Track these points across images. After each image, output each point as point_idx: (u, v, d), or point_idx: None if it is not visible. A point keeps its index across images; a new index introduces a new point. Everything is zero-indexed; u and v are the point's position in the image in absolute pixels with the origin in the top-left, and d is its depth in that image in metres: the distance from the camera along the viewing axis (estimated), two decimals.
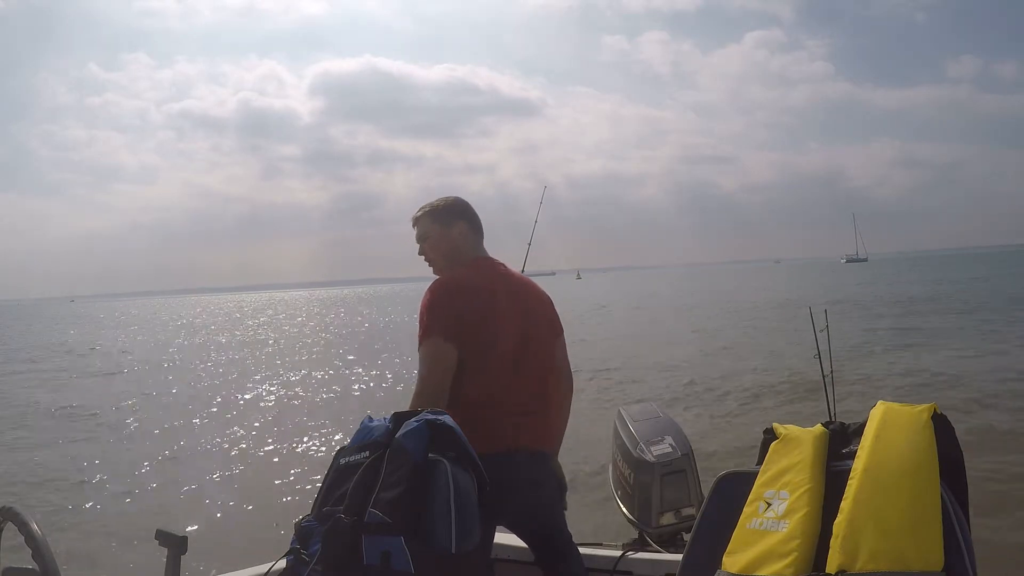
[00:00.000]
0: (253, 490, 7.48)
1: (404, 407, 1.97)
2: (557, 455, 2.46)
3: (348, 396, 13.52)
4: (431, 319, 2.23)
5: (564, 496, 2.43)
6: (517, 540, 2.45)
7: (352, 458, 1.79)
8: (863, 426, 1.51)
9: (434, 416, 1.81)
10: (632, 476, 2.95)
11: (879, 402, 1.54)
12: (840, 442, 1.54)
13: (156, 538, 1.74)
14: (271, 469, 8.31)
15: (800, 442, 1.55)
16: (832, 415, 3.58)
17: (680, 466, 2.89)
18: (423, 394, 2.16)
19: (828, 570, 1.33)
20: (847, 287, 43.41)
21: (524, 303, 2.40)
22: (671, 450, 2.91)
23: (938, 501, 1.33)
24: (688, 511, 2.85)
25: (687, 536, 1.95)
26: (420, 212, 2.46)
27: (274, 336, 32.48)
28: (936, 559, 1.27)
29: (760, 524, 1.46)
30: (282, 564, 1.77)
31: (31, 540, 1.58)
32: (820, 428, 1.57)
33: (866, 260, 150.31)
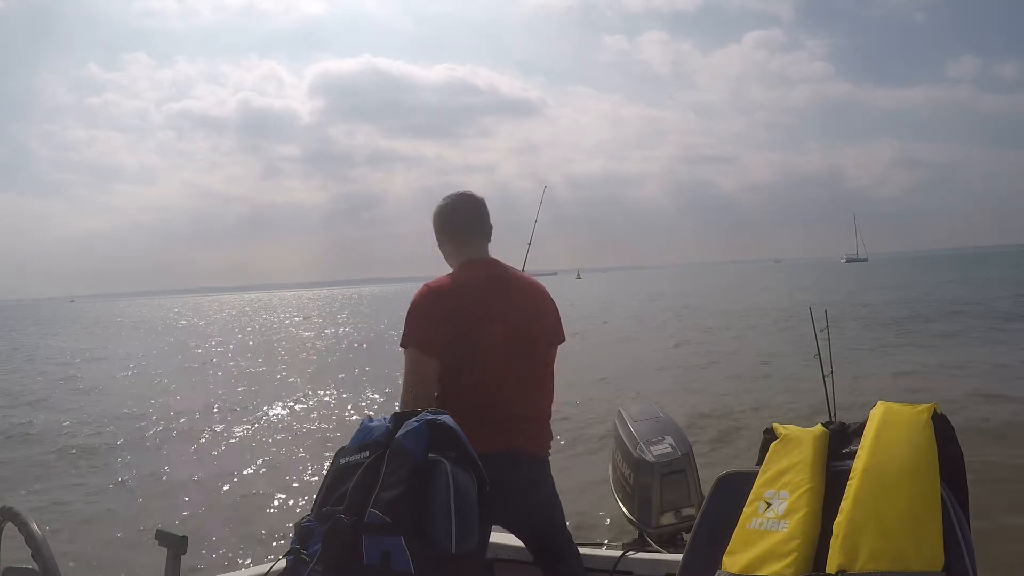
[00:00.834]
0: (253, 490, 7.48)
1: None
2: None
3: (349, 396, 13.51)
4: (409, 327, 2.30)
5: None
6: (517, 540, 2.45)
7: (352, 458, 1.79)
8: (863, 426, 1.51)
9: (434, 416, 1.80)
10: (632, 476, 2.95)
11: (879, 402, 1.54)
12: (840, 442, 1.54)
13: (156, 538, 1.74)
14: (271, 469, 8.30)
15: (800, 442, 1.55)
16: (832, 415, 3.58)
17: (680, 466, 2.89)
18: (404, 402, 2.22)
19: (828, 570, 1.33)
20: (849, 287, 43.37)
21: (514, 305, 2.36)
22: (671, 450, 2.91)
23: (938, 501, 1.33)
24: (688, 511, 2.85)
25: (687, 536, 1.95)
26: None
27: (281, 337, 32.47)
28: (936, 559, 1.27)
29: (760, 524, 1.46)
30: (282, 564, 1.77)
31: (31, 540, 1.58)
32: (820, 428, 1.57)
33: (866, 260, 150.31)
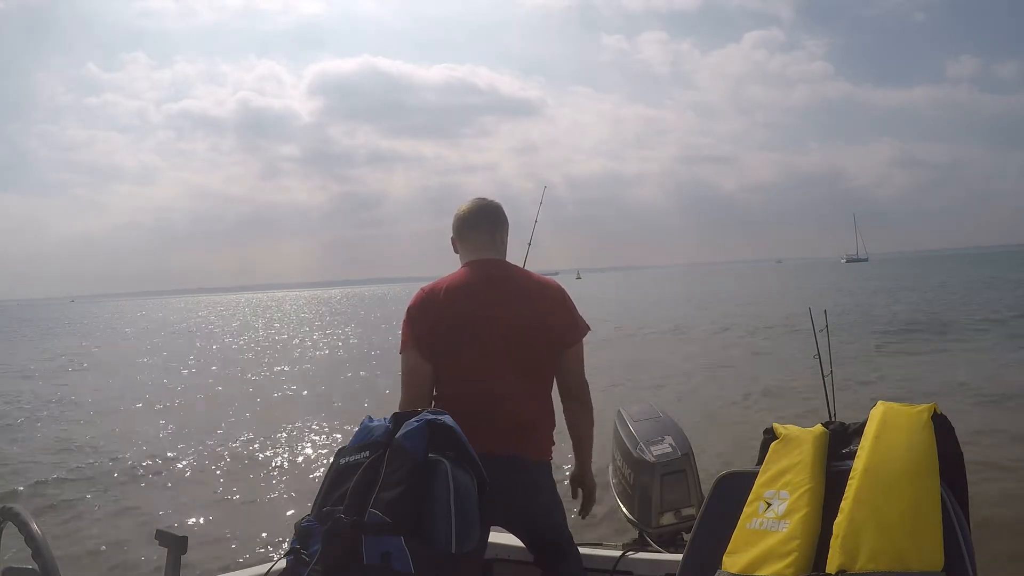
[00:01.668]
0: (253, 490, 7.48)
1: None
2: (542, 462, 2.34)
3: (350, 396, 13.51)
4: (404, 330, 2.35)
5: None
6: (516, 540, 2.45)
7: (352, 458, 1.79)
8: (863, 426, 1.51)
9: (434, 416, 1.80)
10: (632, 476, 2.95)
11: (879, 402, 1.54)
12: (840, 442, 1.54)
13: (156, 538, 1.74)
14: (271, 469, 8.30)
15: (800, 442, 1.55)
16: (832, 415, 3.58)
17: (680, 466, 2.88)
18: (401, 405, 2.26)
19: (828, 570, 1.33)
20: (851, 287, 43.37)
21: (509, 307, 2.32)
22: (671, 450, 2.91)
23: (938, 501, 1.33)
24: (688, 511, 2.84)
25: (687, 536, 1.95)
26: None
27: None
28: (936, 559, 1.27)
29: (760, 524, 1.46)
30: (282, 564, 1.77)
31: (31, 540, 1.58)
32: (820, 428, 1.57)
33: (867, 260, 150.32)
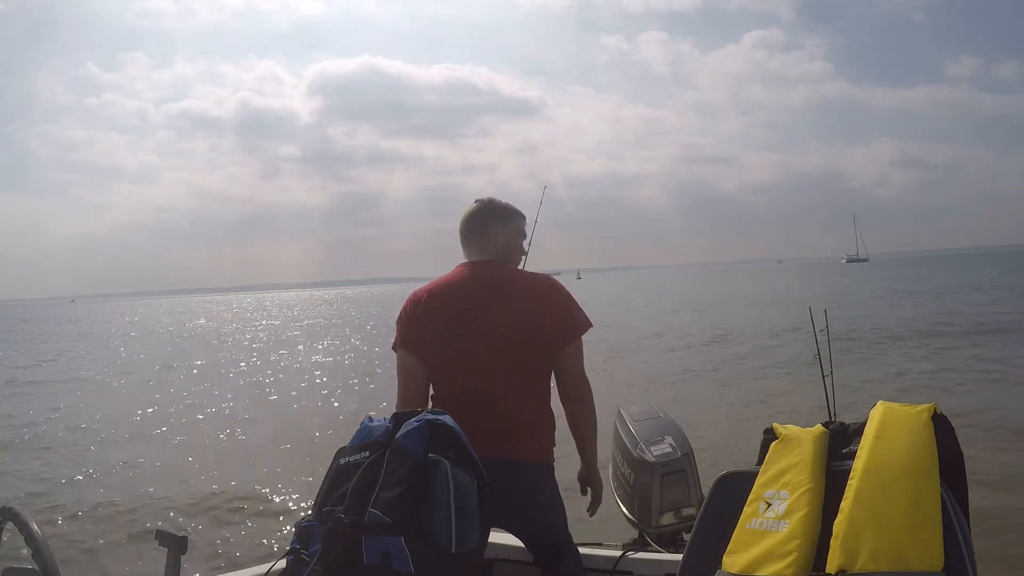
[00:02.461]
0: (253, 490, 7.48)
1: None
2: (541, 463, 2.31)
3: (351, 396, 13.50)
4: (397, 331, 2.37)
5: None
6: (516, 540, 2.45)
7: (352, 458, 1.79)
8: (863, 426, 1.51)
9: (434, 416, 1.80)
10: (632, 476, 2.95)
11: (879, 402, 1.54)
12: (840, 442, 1.54)
13: (156, 538, 1.74)
14: (271, 468, 8.30)
15: (800, 442, 1.55)
16: (832, 415, 3.57)
17: (680, 466, 2.88)
18: (398, 405, 2.27)
19: (828, 570, 1.33)
20: (853, 287, 43.36)
21: (499, 307, 2.27)
22: (671, 450, 2.90)
23: (938, 501, 1.33)
24: (688, 511, 2.84)
25: (687, 536, 1.95)
26: None
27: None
28: (936, 559, 1.27)
29: (760, 524, 1.46)
30: (282, 564, 1.77)
31: (31, 540, 1.58)
32: (820, 428, 1.57)
33: (867, 260, 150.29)
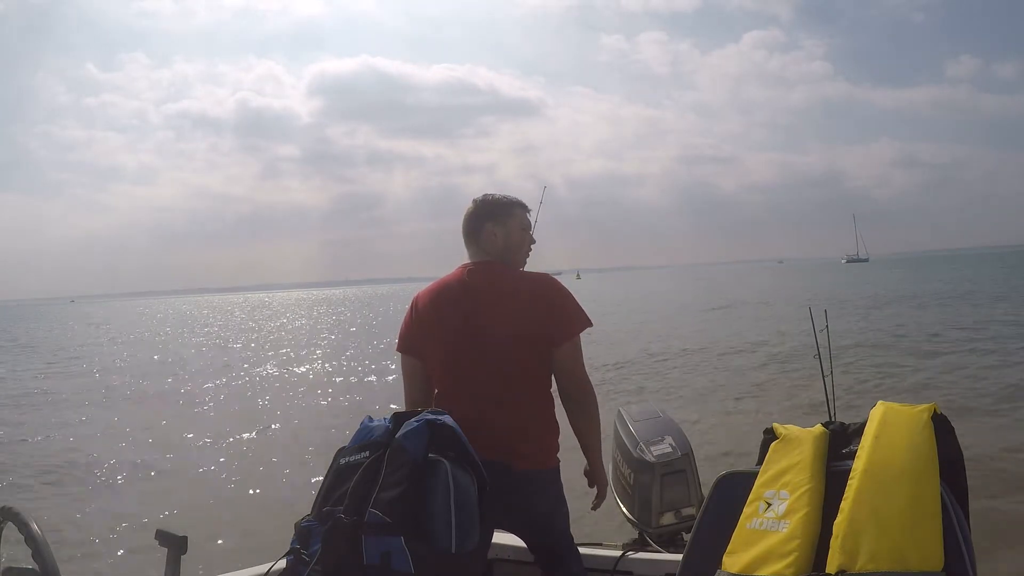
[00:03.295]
0: (253, 490, 7.48)
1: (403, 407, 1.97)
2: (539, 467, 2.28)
3: (351, 396, 13.51)
4: (400, 331, 2.39)
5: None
6: (517, 540, 2.45)
7: (352, 458, 1.79)
8: (863, 426, 1.51)
9: (434, 416, 1.81)
10: (632, 476, 2.95)
11: (879, 402, 1.54)
12: (840, 442, 1.54)
13: (156, 538, 1.74)
14: (271, 468, 8.30)
15: (800, 442, 1.55)
16: (832, 415, 3.58)
17: (680, 466, 2.88)
18: (406, 403, 2.31)
19: (828, 570, 1.33)
20: (855, 287, 43.39)
21: (491, 308, 2.25)
22: (671, 450, 2.91)
23: (938, 501, 1.33)
24: (688, 511, 2.84)
25: (687, 536, 1.95)
26: None
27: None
28: (936, 559, 1.27)
29: (760, 524, 1.46)
30: (282, 564, 1.78)
31: (31, 540, 1.58)
32: (820, 428, 1.57)
33: (867, 260, 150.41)
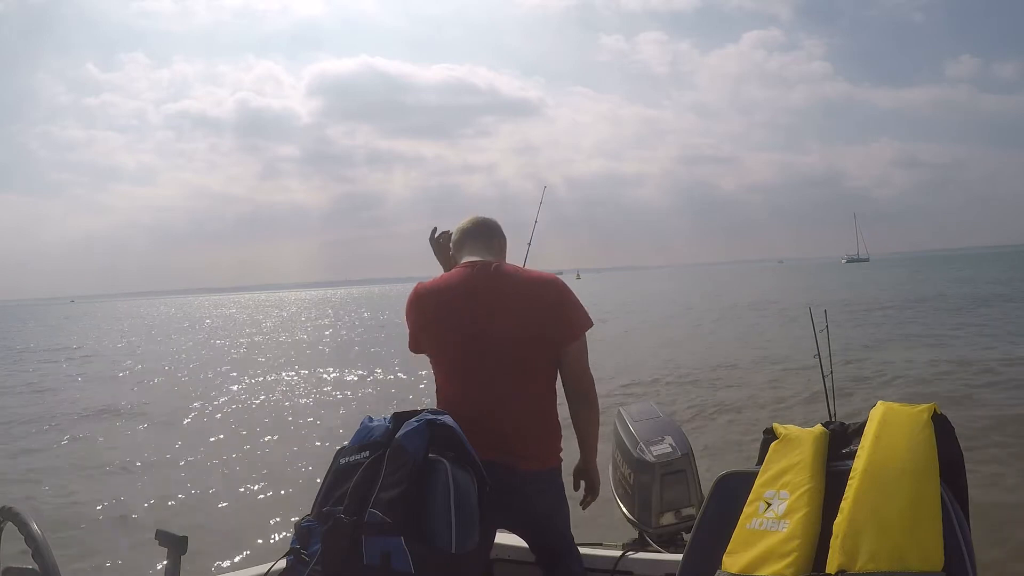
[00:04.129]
0: (253, 490, 7.48)
1: (403, 407, 1.97)
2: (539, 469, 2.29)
3: (351, 396, 13.51)
4: (410, 331, 2.37)
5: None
6: (517, 540, 2.45)
7: (352, 458, 1.79)
8: (863, 426, 1.51)
9: (434, 416, 1.81)
10: (632, 476, 2.95)
11: (879, 402, 1.54)
12: (840, 442, 1.54)
13: (156, 538, 1.74)
14: (271, 469, 8.30)
15: (800, 442, 1.55)
16: (832, 415, 3.58)
17: (680, 466, 2.88)
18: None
19: (828, 570, 1.33)
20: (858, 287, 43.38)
21: (489, 308, 2.24)
22: (671, 450, 2.90)
23: (938, 501, 1.33)
24: (688, 511, 2.84)
25: (687, 536, 1.95)
26: None
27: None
28: (936, 559, 1.27)
29: (760, 524, 1.46)
30: (282, 564, 1.78)
31: (31, 540, 1.58)
32: (820, 428, 1.57)
33: (867, 260, 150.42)
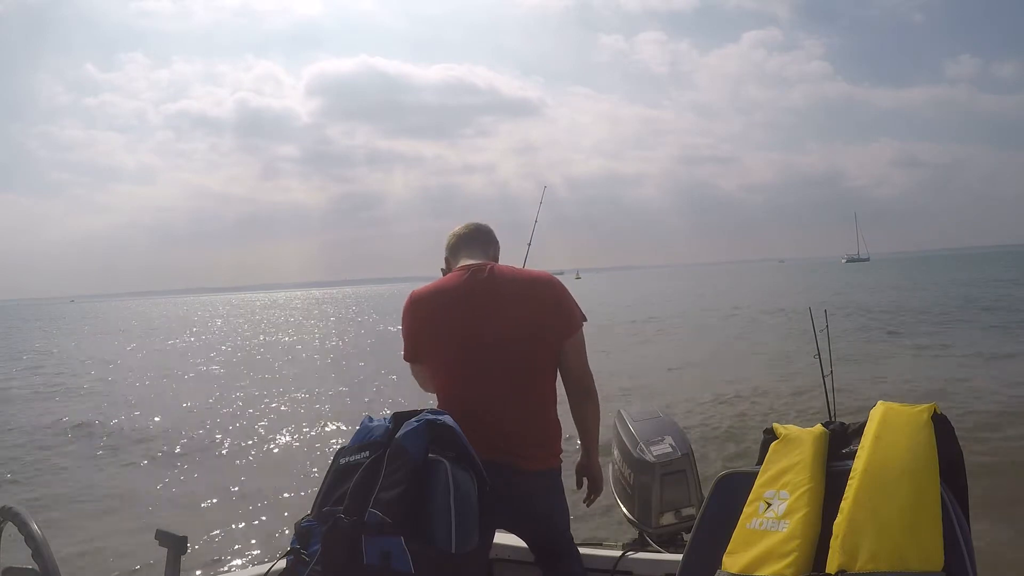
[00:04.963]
0: (253, 490, 7.48)
1: (402, 407, 1.97)
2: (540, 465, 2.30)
3: (351, 396, 13.51)
4: (406, 342, 2.35)
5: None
6: (517, 540, 2.45)
7: (352, 458, 1.79)
8: (863, 426, 1.51)
9: (434, 416, 1.81)
10: (632, 476, 2.95)
11: (879, 402, 1.54)
12: (840, 442, 1.54)
13: (156, 538, 1.74)
14: (271, 469, 8.31)
15: (800, 442, 1.55)
16: (832, 415, 3.58)
17: (680, 466, 2.88)
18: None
19: (828, 570, 1.33)
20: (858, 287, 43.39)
21: (488, 309, 2.24)
22: (671, 450, 2.91)
23: (938, 501, 1.33)
24: (688, 511, 2.85)
25: (687, 536, 1.95)
26: None
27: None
28: (936, 559, 1.27)
29: (760, 524, 1.46)
30: (282, 564, 1.78)
31: (31, 540, 1.58)
32: (820, 428, 1.57)
33: (867, 260, 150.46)
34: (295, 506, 6.76)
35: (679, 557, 1.69)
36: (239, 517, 6.63)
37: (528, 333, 2.23)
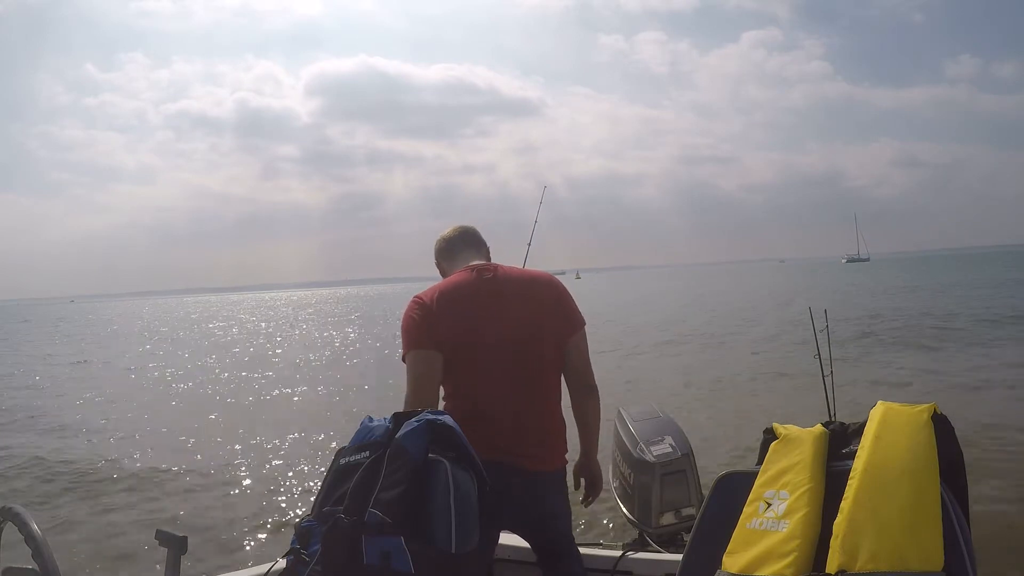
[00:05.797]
0: (253, 490, 7.48)
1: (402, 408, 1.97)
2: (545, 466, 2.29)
3: (351, 396, 13.51)
4: (404, 334, 2.29)
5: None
6: (518, 540, 2.45)
7: (352, 458, 1.79)
8: (863, 426, 1.51)
9: (434, 416, 1.81)
10: (632, 476, 2.95)
11: (879, 402, 1.54)
12: (840, 442, 1.54)
13: (156, 538, 1.74)
14: (271, 469, 8.31)
15: (800, 442, 1.55)
16: (832, 415, 3.58)
17: (680, 466, 2.88)
18: (407, 403, 2.18)
19: (828, 570, 1.33)
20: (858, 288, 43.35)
21: (495, 310, 2.25)
22: (671, 450, 2.91)
23: (938, 501, 1.33)
24: (688, 511, 2.85)
25: (687, 536, 1.95)
26: None
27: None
28: (936, 559, 1.27)
29: (760, 524, 1.46)
30: (282, 564, 1.78)
31: (31, 540, 1.58)
32: (820, 428, 1.57)
33: (868, 260, 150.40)
34: (295, 506, 6.77)
35: (679, 557, 1.69)
36: (239, 517, 6.63)
37: (528, 334, 2.25)
